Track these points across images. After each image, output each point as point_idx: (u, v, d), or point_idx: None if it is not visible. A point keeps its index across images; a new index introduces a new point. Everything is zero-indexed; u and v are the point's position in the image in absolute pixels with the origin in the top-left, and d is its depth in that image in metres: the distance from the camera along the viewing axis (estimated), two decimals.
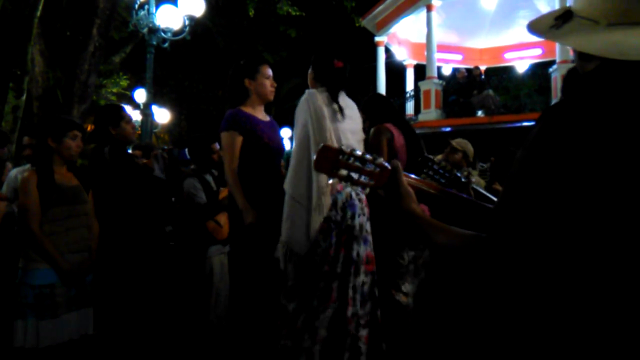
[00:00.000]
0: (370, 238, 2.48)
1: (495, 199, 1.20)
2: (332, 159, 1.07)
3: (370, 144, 2.91)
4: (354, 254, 2.35)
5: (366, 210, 2.48)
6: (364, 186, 1.08)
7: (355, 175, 1.07)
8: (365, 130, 3.11)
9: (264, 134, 2.66)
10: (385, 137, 2.94)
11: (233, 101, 2.75)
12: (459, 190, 2.15)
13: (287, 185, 2.39)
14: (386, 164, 1.08)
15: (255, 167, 2.65)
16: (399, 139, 2.98)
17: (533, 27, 0.90)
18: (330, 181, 1.08)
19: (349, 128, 2.47)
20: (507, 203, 0.79)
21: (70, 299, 2.40)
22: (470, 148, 3.91)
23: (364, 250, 2.40)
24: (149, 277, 2.89)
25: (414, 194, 1.06)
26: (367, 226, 2.47)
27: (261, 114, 2.78)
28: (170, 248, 3.65)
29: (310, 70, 2.59)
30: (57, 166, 2.46)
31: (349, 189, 2.36)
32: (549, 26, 0.86)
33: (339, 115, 2.42)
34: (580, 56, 0.85)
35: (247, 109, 2.71)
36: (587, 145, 0.72)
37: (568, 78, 2.11)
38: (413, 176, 1.15)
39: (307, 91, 2.45)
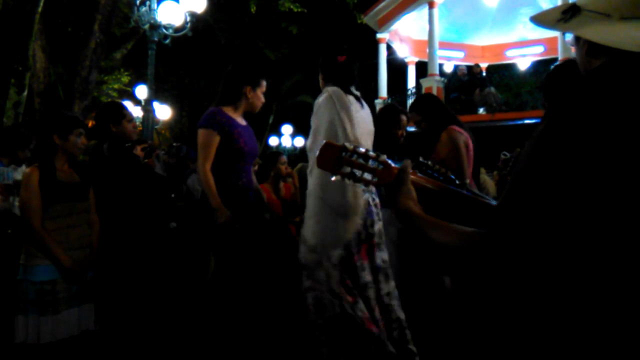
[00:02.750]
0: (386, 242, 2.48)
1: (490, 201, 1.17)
2: (335, 156, 1.05)
3: (446, 150, 2.82)
4: (379, 261, 2.34)
5: (381, 214, 2.45)
6: (366, 183, 1.07)
7: (358, 173, 1.06)
8: (422, 131, 3.03)
9: (240, 137, 2.69)
10: (462, 141, 2.84)
11: (222, 99, 2.76)
12: None
13: (315, 187, 2.24)
14: (389, 161, 1.06)
15: (227, 168, 2.68)
16: (468, 141, 2.89)
17: (538, 20, 0.89)
18: (333, 178, 1.06)
19: (363, 130, 2.39)
20: (512, 199, 0.78)
21: (71, 295, 2.41)
22: None
23: (387, 255, 2.40)
24: (151, 274, 2.89)
25: (414, 192, 1.05)
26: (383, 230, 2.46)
27: (239, 119, 2.81)
28: (173, 245, 3.65)
29: (319, 74, 2.56)
30: (59, 163, 2.46)
31: (365, 195, 2.29)
32: (556, 19, 0.85)
33: (357, 107, 2.38)
34: (588, 52, 0.84)
35: (229, 111, 2.73)
36: (596, 142, 0.71)
37: (552, 76, 2.08)
38: (419, 174, 1.13)
39: (327, 89, 2.35)
